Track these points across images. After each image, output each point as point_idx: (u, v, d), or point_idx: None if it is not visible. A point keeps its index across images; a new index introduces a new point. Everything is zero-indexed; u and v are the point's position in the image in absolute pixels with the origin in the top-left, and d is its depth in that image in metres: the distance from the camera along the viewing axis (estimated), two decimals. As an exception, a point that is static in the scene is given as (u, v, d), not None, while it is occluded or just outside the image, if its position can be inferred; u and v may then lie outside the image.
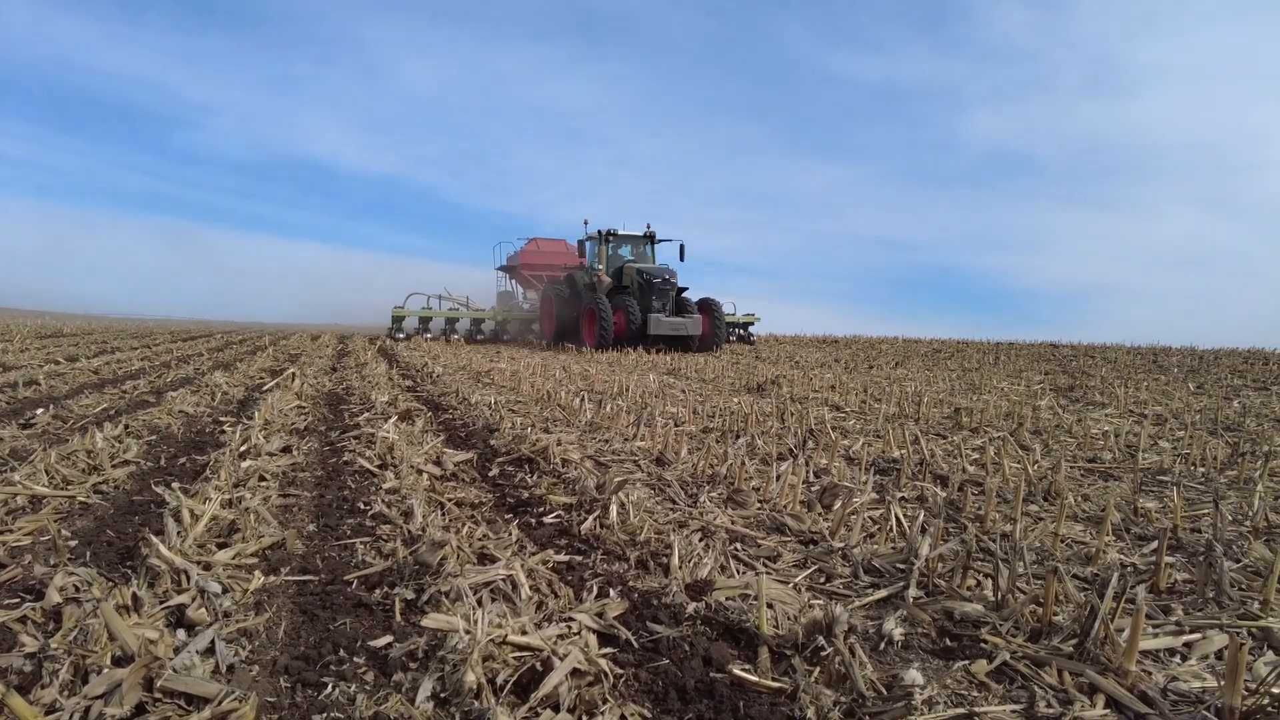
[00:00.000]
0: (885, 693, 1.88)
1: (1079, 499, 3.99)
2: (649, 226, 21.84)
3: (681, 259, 21.37)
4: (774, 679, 1.94)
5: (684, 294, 20.37)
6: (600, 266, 20.75)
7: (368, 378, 9.15)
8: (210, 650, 1.93)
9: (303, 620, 2.32)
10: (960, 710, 1.84)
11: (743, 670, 1.94)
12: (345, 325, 39.75)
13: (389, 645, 2.10)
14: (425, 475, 3.96)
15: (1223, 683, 1.84)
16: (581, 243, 21.70)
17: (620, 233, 21.32)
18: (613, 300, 19.22)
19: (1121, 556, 3.08)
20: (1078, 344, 22.62)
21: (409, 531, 2.98)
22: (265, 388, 8.08)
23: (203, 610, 2.18)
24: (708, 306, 20.34)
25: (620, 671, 1.97)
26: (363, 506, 3.51)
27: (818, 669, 1.97)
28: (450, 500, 3.59)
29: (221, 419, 6.07)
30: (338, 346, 19.04)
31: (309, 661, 2.03)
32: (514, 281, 27.62)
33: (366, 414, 6.05)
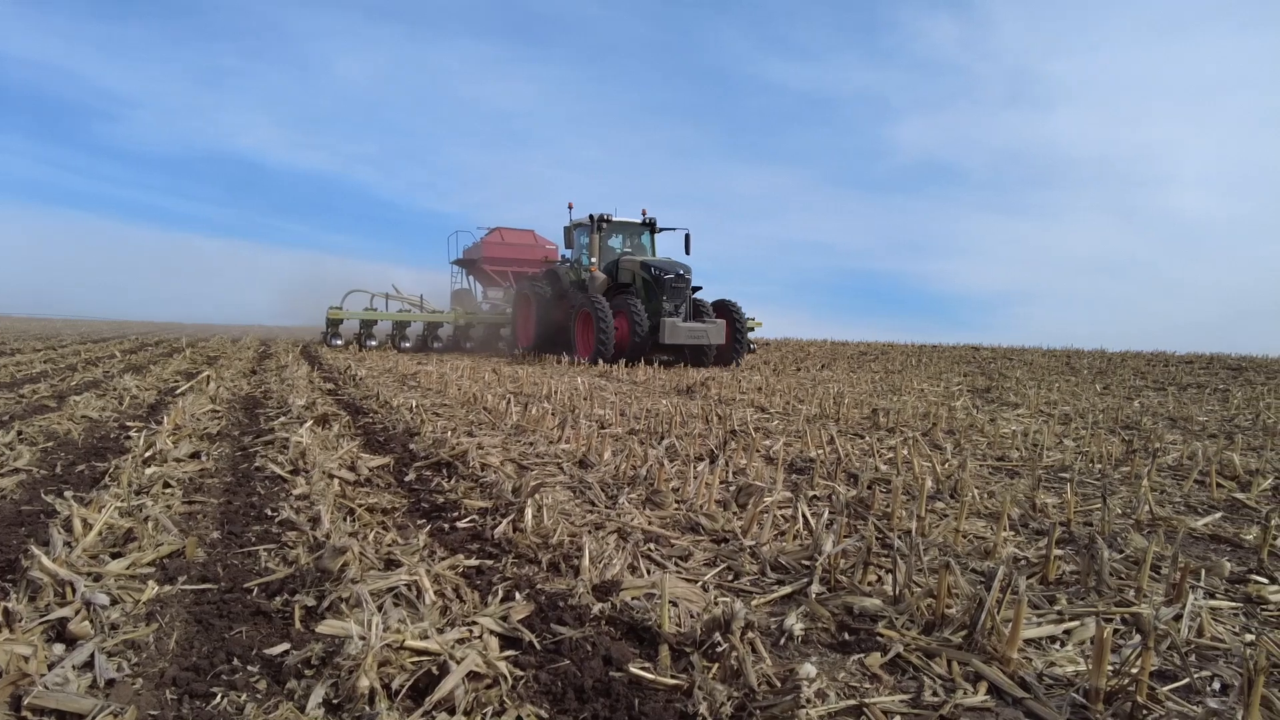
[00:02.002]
0: (779, 686, 1.93)
1: (984, 496, 4.16)
2: (645, 213, 17.70)
3: (688, 252, 16.98)
4: (672, 676, 1.97)
5: (696, 294, 16.48)
6: (594, 260, 16.59)
7: (287, 381, 8.90)
8: (89, 664, 1.85)
9: (197, 630, 2.25)
10: (851, 702, 1.91)
11: (640, 669, 1.97)
12: (274, 327, 38.46)
13: (286, 653, 2.06)
14: (337, 481, 3.87)
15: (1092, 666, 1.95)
16: (569, 230, 17.42)
17: (615, 219, 17.15)
18: (612, 301, 15.30)
19: (1017, 550, 3.22)
20: (997, 346, 23.51)
21: (314, 538, 2.92)
22: (178, 391, 7.79)
23: (87, 623, 2.09)
24: (725, 310, 16.40)
25: (520, 673, 1.97)
26: (270, 513, 3.42)
27: (715, 665, 2.01)
28: (362, 506, 3.53)
29: (129, 424, 5.82)
30: (259, 349, 18.46)
31: (199, 672, 1.97)
32: (472, 278, 23.49)
33: (282, 418, 5.89)
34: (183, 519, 3.35)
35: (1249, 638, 2.34)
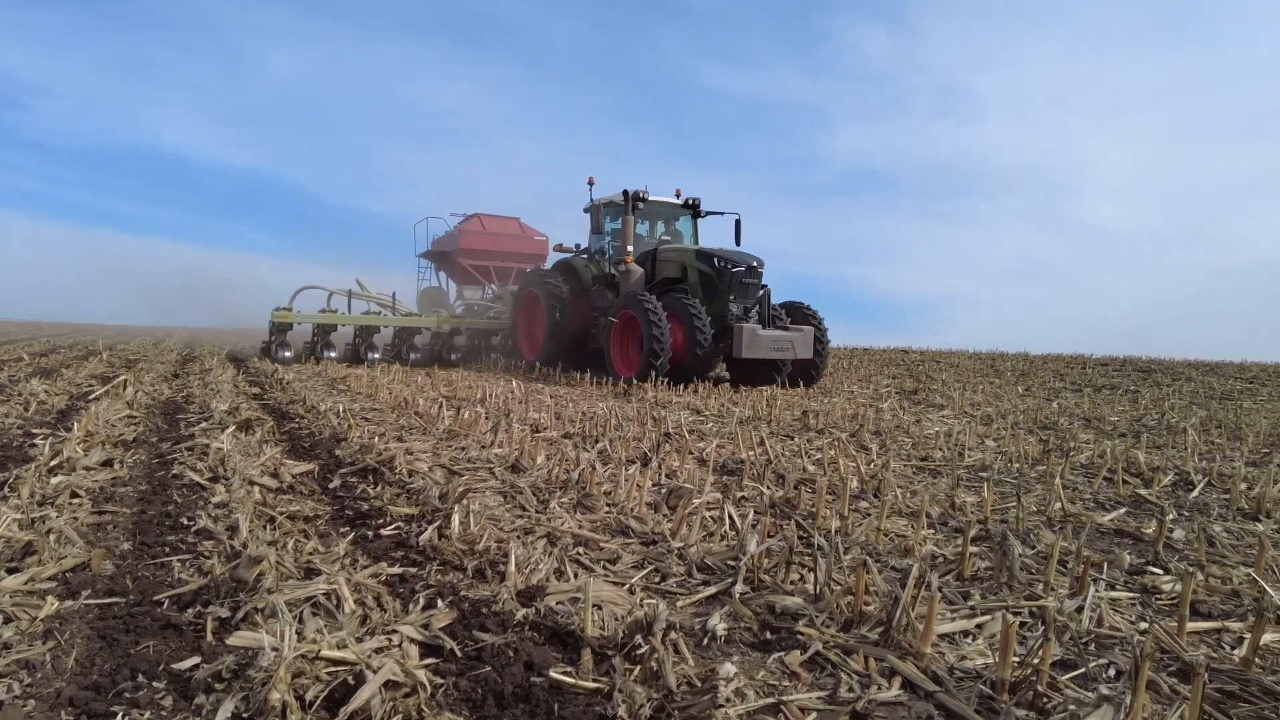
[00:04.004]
0: (699, 686, 1.95)
1: (907, 495, 4.28)
2: (680, 193, 14.12)
3: (738, 243, 13.68)
4: (594, 680, 1.98)
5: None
6: (630, 248, 13.05)
7: (210, 385, 8.61)
8: (-23, 685, 1.76)
9: (100, 646, 2.16)
10: (769, 700, 1.94)
11: (562, 673, 1.97)
12: (202, 329, 37.11)
13: (195, 667, 2.00)
14: (258, 488, 3.77)
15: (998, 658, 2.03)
16: (596, 208, 13.83)
17: (652, 198, 13.51)
18: (663, 302, 11.65)
19: (935, 548, 3.32)
20: (926, 349, 24.17)
21: (232, 547, 2.83)
22: (92, 396, 7.45)
23: (-23, 642, 1.99)
24: (802, 315, 12.71)
25: (440, 681, 1.95)
26: (186, 522, 3.31)
27: (637, 667, 2.02)
28: (283, 514, 3.44)
29: (34, 431, 5.54)
30: (184, 352, 17.80)
31: (100, 690, 1.89)
32: (443, 274, 19.71)
33: (204, 423, 5.70)
34: (90, 530, 3.22)
35: (1143, 626, 2.47)
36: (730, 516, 3.43)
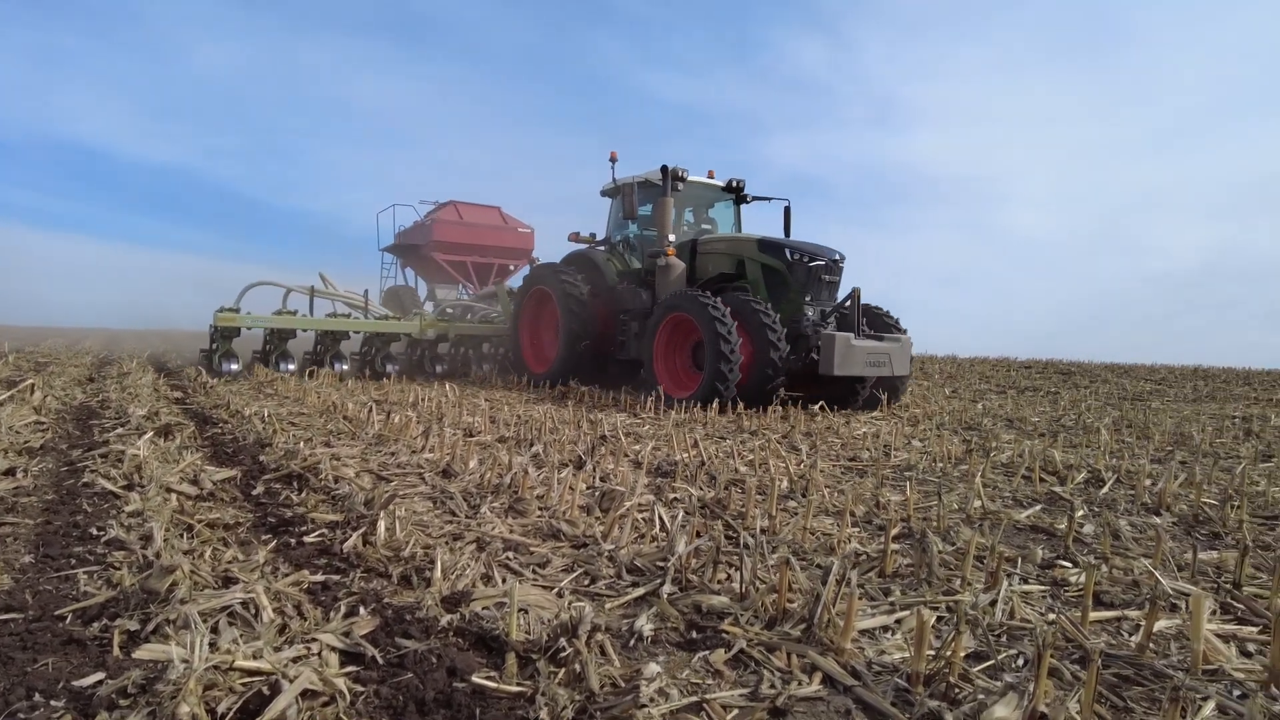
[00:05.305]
0: (622, 687, 1.96)
1: (834, 494, 4.38)
2: (713, 174, 11.74)
3: (787, 233, 11.48)
4: (517, 684, 1.97)
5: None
6: (671, 238, 10.60)
7: (129, 389, 8.26)
8: None
9: (-6, 665, 2.05)
10: (692, 699, 1.96)
11: (485, 678, 1.95)
12: (122, 331, 35.55)
13: (99, 683, 1.91)
14: (176, 496, 3.64)
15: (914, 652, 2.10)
16: (627, 188, 11.15)
17: (692, 178, 11.09)
18: (724, 302, 9.07)
19: (859, 546, 3.41)
20: (859, 353, 24.71)
21: (144, 557, 2.73)
22: (-4, 402, 7.07)
23: None
24: (884, 324, 10.22)
25: (360, 689, 1.91)
26: (96, 532, 3.17)
27: (561, 670, 2.02)
28: (202, 522, 3.32)
29: (-69, 439, 5.23)
30: (101, 354, 17.02)
31: (-7, 711, 1.80)
32: (409, 270, 17.51)
33: (120, 429, 5.46)
34: (-11, 543, 3.05)
35: (1051, 617, 2.58)
36: (661, 518, 3.45)
